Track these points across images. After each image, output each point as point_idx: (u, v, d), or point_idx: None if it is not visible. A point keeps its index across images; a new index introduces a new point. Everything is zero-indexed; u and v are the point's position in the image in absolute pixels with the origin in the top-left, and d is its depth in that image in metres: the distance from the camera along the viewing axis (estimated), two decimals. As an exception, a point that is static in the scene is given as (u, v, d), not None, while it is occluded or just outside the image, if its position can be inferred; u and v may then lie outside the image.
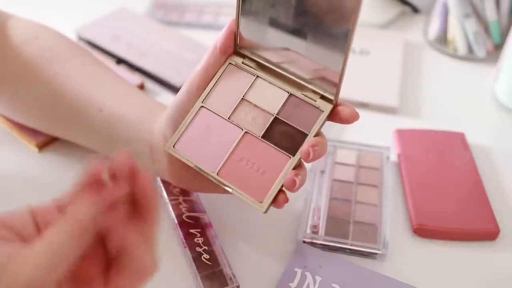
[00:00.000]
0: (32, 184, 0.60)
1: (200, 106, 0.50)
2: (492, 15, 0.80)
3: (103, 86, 0.57)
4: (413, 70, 0.81)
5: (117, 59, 0.77)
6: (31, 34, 0.59)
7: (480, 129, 0.70)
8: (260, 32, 0.48)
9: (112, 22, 0.83)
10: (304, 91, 0.49)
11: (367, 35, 0.85)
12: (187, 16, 0.89)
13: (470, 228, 0.57)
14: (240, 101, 0.50)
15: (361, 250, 0.54)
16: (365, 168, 0.62)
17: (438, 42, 0.85)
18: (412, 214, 0.58)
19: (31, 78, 0.57)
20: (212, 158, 0.48)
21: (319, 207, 0.58)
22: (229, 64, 0.51)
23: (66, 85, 0.57)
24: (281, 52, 0.49)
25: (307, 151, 0.46)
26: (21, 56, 0.58)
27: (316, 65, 0.47)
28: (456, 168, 0.63)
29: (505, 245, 0.57)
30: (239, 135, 0.49)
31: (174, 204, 0.57)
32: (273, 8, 0.46)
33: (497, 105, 0.75)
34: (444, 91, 0.78)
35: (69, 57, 0.59)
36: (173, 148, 0.49)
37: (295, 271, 0.52)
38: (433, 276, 0.54)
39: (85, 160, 0.60)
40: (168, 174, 0.53)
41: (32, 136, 0.63)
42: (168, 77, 0.74)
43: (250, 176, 0.47)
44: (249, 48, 0.50)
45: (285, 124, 0.49)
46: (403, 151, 0.65)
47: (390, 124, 0.69)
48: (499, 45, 0.81)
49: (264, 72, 0.50)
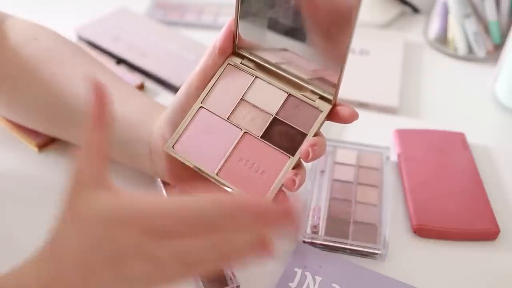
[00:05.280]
0: (32, 184, 0.60)
1: (199, 107, 0.50)
2: (492, 15, 0.80)
3: (102, 87, 0.57)
4: (413, 70, 0.81)
5: (117, 59, 0.77)
6: (30, 35, 0.59)
7: (480, 129, 0.70)
8: (259, 33, 0.48)
9: (112, 22, 0.83)
10: (303, 91, 0.49)
11: (367, 35, 0.85)
12: (187, 16, 0.89)
13: (470, 228, 0.57)
14: (239, 101, 0.50)
15: (361, 250, 0.54)
16: (365, 168, 0.62)
17: (438, 42, 0.85)
18: (412, 214, 0.58)
19: (30, 79, 0.57)
20: (211, 158, 0.48)
21: (319, 207, 0.58)
22: (228, 64, 0.51)
23: (65, 86, 0.57)
24: (280, 53, 0.49)
25: (306, 151, 0.46)
26: (19, 57, 0.58)
27: (315, 65, 0.47)
28: (456, 168, 0.63)
29: (505, 245, 0.57)
30: (238, 136, 0.49)
31: (174, 204, 0.56)
32: (272, 9, 0.46)
33: (497, 105, 0.75)
34: (444, 91, 0.78)
35: (67, 58, 0.59)
36: (172, 149, 0.49)
37: (295, 271, 0.52)
38: (433, 276, 0.54)
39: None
40: (167, 175, 0.53)
41: (32, 136, 0.63)
42: (168, 77, 0.74)
43: (249, 176, 0.47)
44: (248, 48, 0.50)
45: (284, 124, 0.49)
46: (403, 151, 0.65)
47: (390, 124, 0.69)
48: (499, 45, 0.81)
49: (263, 72, 0.50)
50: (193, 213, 0.37)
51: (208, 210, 0.37)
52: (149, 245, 0.38)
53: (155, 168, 0.54)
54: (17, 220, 0.56)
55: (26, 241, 0.54)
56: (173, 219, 0.37)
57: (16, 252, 0.53)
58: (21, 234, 0.55)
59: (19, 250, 0.53)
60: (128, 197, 0.39)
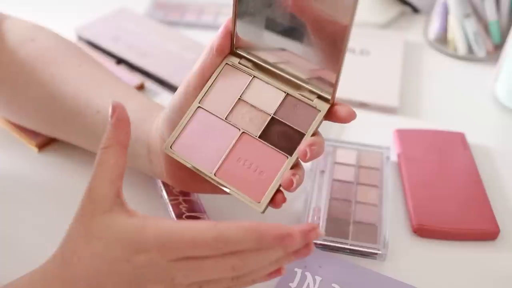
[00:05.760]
0: (32, 184, 0.60)
1: (197, 107, 0.50)
2: (492, 15, 0.80)
3: (101, 87, 0.57)
4: (413, 70, 0.81)
5: (117, 59, 0.77)
6: (28, 36, 0.60)
7: (480, 129, 0.70)
8: (256, 32, 0.48)
9: (112, 22, 0.83)
10: (301, 91, 0.49)
11: (367, 35, 0.85)
12: (187, 16, 0.89)
13: (470, 228, 0.57)
14: (237, 101, 0.50)
15: (361, 250, 0.54)
16: (365, 168, 0.62)
17: (438, 42, 0.85)
18: (412, 214, 0.58)
19: (28, 80, 0.57)
20: (209, 158, 0.48)
21: (319, 207, 0.58)
22: (225, 64, 0.50)
23: (63, 86, 0.57)
24: (278, 52, 0.49)
25: (304, 151, 0.46)
26: (18, 58, 0.58)
27: (312, 65, 0.47)
28: (456, 168, 0.63)
29: (505, 245, 0.57)
30: (236, 135, 0.49)
31: (174, 204, 0.56)
32: (270, 8, 0.46)
33: (497, 105, 0.75)
34: (444, 91, 0.78)
35: (66, 58, 0.59)
36: (170, 149, 0.49)
37: (295, 271, 0.52)
38: (433, 276, 0.53)
39: (85, 160, 0.61)
40: (165, 175, 0.53)
41: (32, 136, 0.63)
42: (168, 77, 0.74)
43: (247, 176, 0.47)
44: (246, 48, 0.50)
45: (282, 124, 0.48)
46: (403, 151, 0.65)
47: (390, 124, 0.69)
48: (499, 45, 0.81)
49: (261, 72, 0.50)
50: (215, 239, 0.37)
51: (233, 236, 0.37)
52: (169, 270, 0.38)
53: (154, 168, 0.53)
54: (17, 220, 0.56)
55: (26, 241, 0.54)
56: (202, 247, 0.37)
57: (16, 252, 0.53)
58: (21, 234, 0.55)
59: (18, 250, 0.53)
60: (150, 222, 0.39)
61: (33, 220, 0.56)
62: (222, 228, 0.37)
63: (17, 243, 0.54)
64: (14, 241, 0.54)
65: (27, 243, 0.54)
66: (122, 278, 0.38)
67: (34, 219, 0.56)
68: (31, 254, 0.43)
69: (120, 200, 0.40)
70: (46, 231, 0.53)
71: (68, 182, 0.60)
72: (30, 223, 0.56)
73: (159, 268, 0.38)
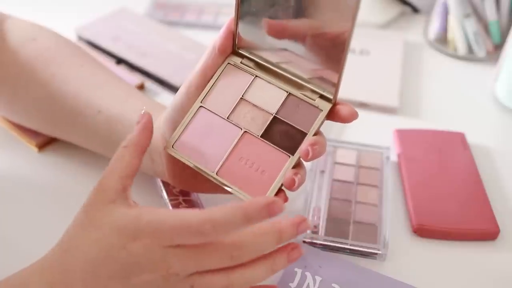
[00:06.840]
0: (32, 184, 0.60)
1: (199, 106, 0.50)
2: (492, 15, 0.80)
3: (102, 87, 0.57)
4: (413, 70, 0.81)
5: (117, 59, 0.77)
6: (29, 36, 0.59)
7: (480, 129, 0.70)
8: (258, 32, 0.48)
9: (112, 22, 0.83)
10: (303, 90, 0.49)
11: (367, 35, 0.85)
12: (187, 16, 0.89)
13: (470, 228, 0.57)
14: (239, 100, 0.50)
15: (361, 250, 0.54)
16: (365, 168, 0.62)
17: (438, 42, 0.85)
18: (412, 214, 0.58)
19: (29, 80, 0.57)
20: (211, 157, 0.48)
21: (319, 207, 0.58)
22: (227, 64, 0.50)
23: (64, 86, 0.57)
24: (280, 52, 0.49)
25: (306, 150, 0.46)
26: (18, 58, 0.58)
27: (315, 64, 0.47)
28: (456, 168, 0.63)
29: (505, 245, 0.57)
30: (238, 135, 0.49)
31: (174, 204, 0.56)
32: (272, 8, 0.46)
33: (497, 105, 0.75)
34: (444, 91, 0.78)
35: (67, 58, 0.59)
36: (172, 148, 0.49)
37: (295, 271, 0.52)
38: (433, 276, 0.54)
39: (85, 160, 0.61)
40: (167, 175, 0.53)
41: (32, 136, 0.63)
42: (168, 77, 0.74)
43: (249, 175, 0.47)
44: (248, 48, 0.50)
45: (284, 123, 0.48)
46: (403, 151, 0.65)
47: (390, 124, 0.69)
48: (499, 45, 0.81)
49: (263, 71, 0.50)
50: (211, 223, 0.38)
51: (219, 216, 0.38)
52: (164, 258, 0.38)
53: (155, 168, 0.53)
54: (16, 220, 0.56)
55: (25, 241, 0.54)
56: (189, 230, 0.38)
57: (15, 252, 0.53)
58: (21, 234, 0.55)
59: (18, 250, 0.53)
60: (145, 210, 0.40)
61: (33, 220, 0.56)
62: (208, 210, 0.39)
63: (17, 243, 0.54)
64: (14, 241, 0.54)
65: (27, 243, 0.54)
66: (118, 266, 0.38)
67: (34, 219, 0.56)
68: (31, 254, 0.43)
69: (125, 194, 0.41)
70: (46, 231, 0.53)
71: (68, 182, 0.60)
72: (30, 223, 0.56)
73: (154, 255, 0.38)
